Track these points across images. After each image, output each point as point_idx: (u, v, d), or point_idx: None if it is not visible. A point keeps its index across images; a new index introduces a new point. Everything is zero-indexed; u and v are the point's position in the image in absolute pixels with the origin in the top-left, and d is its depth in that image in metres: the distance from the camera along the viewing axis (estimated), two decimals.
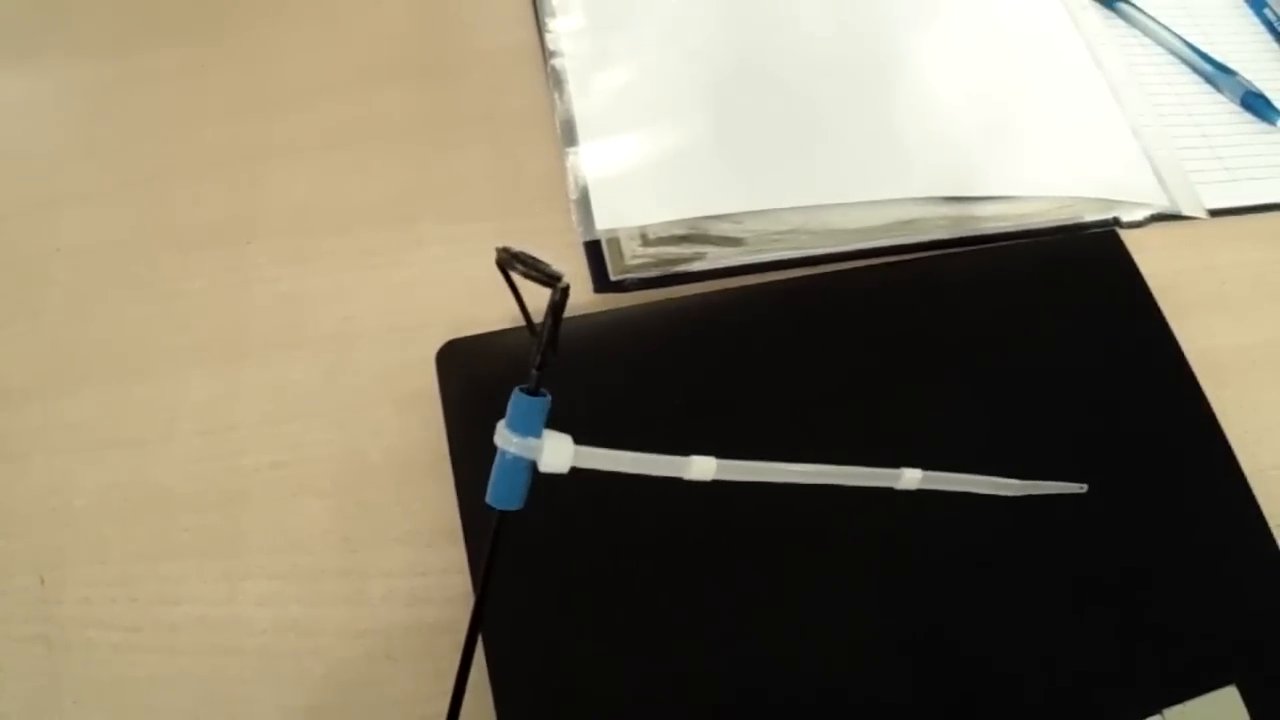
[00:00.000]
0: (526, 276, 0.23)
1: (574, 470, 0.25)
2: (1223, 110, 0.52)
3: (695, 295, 0.42)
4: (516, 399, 0.24)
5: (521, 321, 0.40)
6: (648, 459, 0.26)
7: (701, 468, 0.26)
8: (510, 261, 0.23)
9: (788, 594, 0.36)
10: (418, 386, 0.40)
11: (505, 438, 0.24)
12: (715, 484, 0.28)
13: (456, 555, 0.36)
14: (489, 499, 0.25)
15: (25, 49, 0.49)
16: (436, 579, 0.36)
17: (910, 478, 0.31)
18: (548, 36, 0.49)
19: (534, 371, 0.24)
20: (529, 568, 0.33)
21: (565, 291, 0.23)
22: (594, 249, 0.43)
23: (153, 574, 0.36)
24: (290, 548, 0.37)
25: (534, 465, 0.25)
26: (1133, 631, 0.36)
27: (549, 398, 0.25)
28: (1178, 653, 0.36)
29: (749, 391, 0.39)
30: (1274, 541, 0.38)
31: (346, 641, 0.35)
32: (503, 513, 0.25)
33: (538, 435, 0.24)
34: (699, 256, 0.43)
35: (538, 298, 0.25)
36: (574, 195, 0.44)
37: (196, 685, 0.35)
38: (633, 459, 0.25)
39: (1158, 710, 0.34)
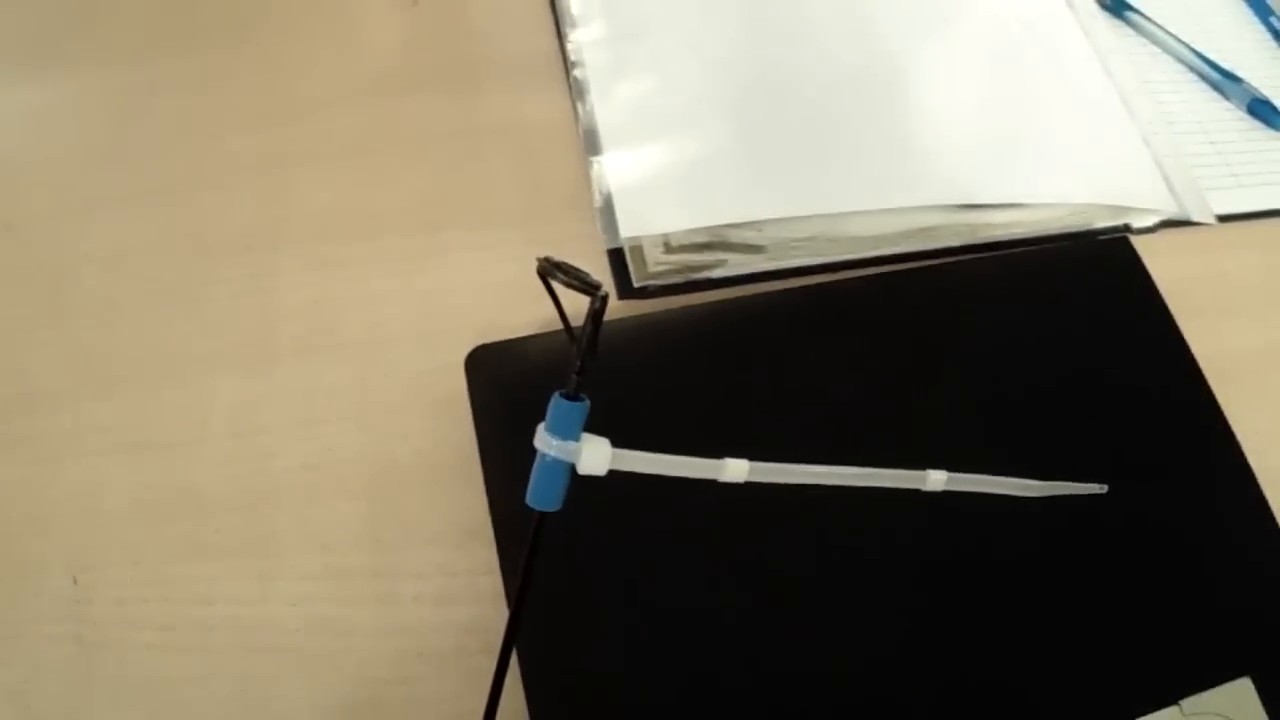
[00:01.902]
0: (567, 285, 0.24)
1: (610, 473, 0.26)
2: (1230, 117, 0.53)
3: (717, 301, 0.43)
4: (556, 403, 0.25)
5: (549, 327, 0.41)
6: (683, 461, 0.26)
7: (735, 470, 0.27)
8: (551, 270, 0.24)
9: (814, 594, 0.36)
10: (446, 391, 0.40)
11: (545, 441, 0.25)
12: (740, 488, 0.28)
13: (486, 556, 0.37)
14: (528, 500, 0.26)
15: (51, 57, 0.50)
16: (466, 579, 0.37)
17: (936, 479, 0.31)
18: (569, 47, 0.50)
19: (574, 377, 0.25)
20: (558, 568, 0.34)
21: (605, 299, 0.24)
22: (617, 256, 0.44)
23: (185, 574, 0.37)
24: (321, 549, 0.37)
25: (572, 468, 0.25)
26: (1149, 626, 0.37)
27: (588, 402, 0.25)
28: (1193, 646, 0.37)
29: (770, 396, 0.40)
30: None
31: (377, 640, 0.36)
32: (542, 514, 0.26)
33: (576, 439, 0.25)
34: (720, 263, 0.44)
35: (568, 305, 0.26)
36: (598, 203, 0.45)
37: (229, 684, 0.35)
38: (669, 462, 0.26)
39: (1175, 701, 0.35)
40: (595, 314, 0.24)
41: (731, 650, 0.35)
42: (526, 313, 0.42)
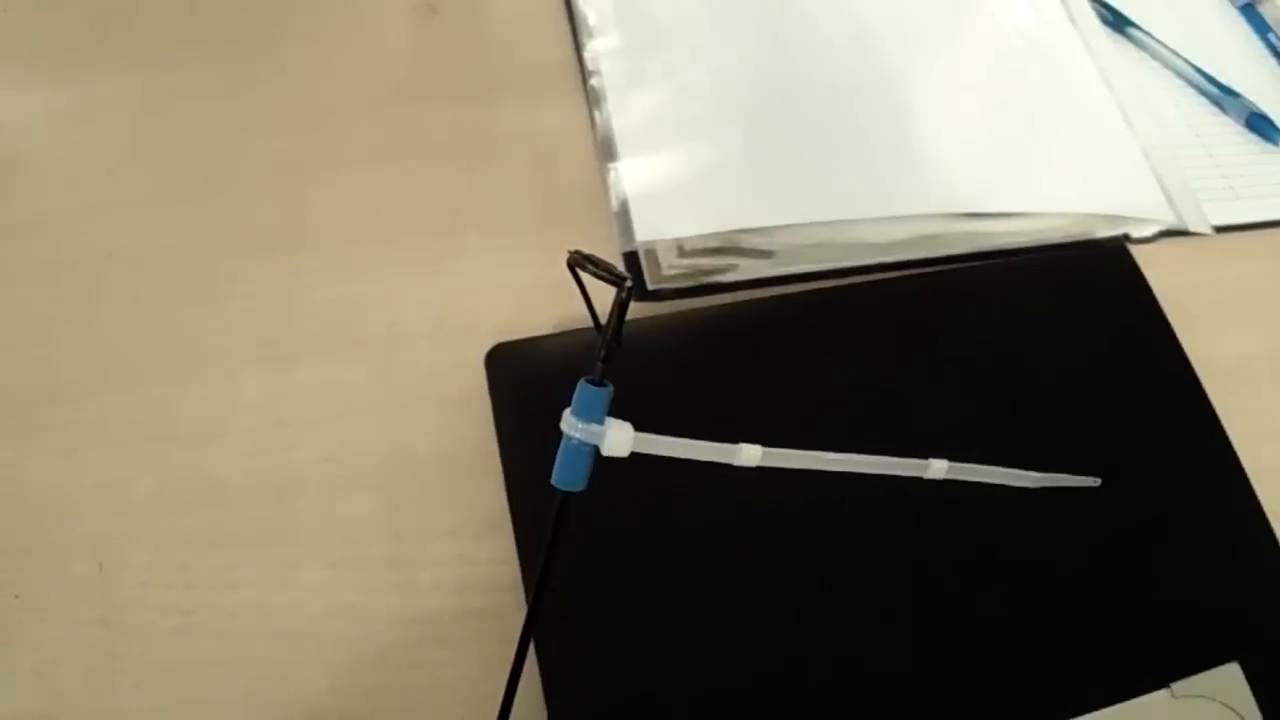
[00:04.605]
0: (596, 276, 0.25)
1: (628, 467, 0.27)
2: (1228, 131, 0.54)
3: (727, 304, 0.44)
4: (582, 388, 0.26)
5: (565, 327, 0.42)
6: (700, 445, 0.27)
7: (749, 454, 0.28)
8: (581, 262, 0.25)
9: (820, 583, 0.37)
10: (464, 388, 0.41)
11: (571, 424, 0.26)
12: (751, 481, 0.29)
13: (503, 547, 0.38)
14: (554, 481, 0.26)
15: (78, 61, 0.51)
16: (484, 569, 0.38)
17: (938, 468, 0.32)
18: (586, 56, 0.51)
19: (599, 363, 0.26)
20: (575, 559, 0.35)
21: (630, 290, 0.25)
22: (632, 260, 0.45)
23: (208, 562, 0.38)
24: (342, 538, 0.38)
25: (596, 450, 0.26)
26: (1142, 613, 0.38)
27: (611, 388, 0.26)
28: (1184, 633, 0.38)
29: (777, 397, 0.41)
30: (1274, 535, 0.40)
31: (397, 627, 0.37)
32: (566, 494, 0.27)
33: (601, 422, 0.26)
34: (731, 268, 0.45)
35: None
36: (614, 208, 0.46)
37: (251, 667, 0.36)
38: (687, 445, 0.27)
39: (1166, 684, 0.36)
40: (622, 303, 0.25)
41: (740, 637, 0.36)
42: (542, 313, 0.43)
